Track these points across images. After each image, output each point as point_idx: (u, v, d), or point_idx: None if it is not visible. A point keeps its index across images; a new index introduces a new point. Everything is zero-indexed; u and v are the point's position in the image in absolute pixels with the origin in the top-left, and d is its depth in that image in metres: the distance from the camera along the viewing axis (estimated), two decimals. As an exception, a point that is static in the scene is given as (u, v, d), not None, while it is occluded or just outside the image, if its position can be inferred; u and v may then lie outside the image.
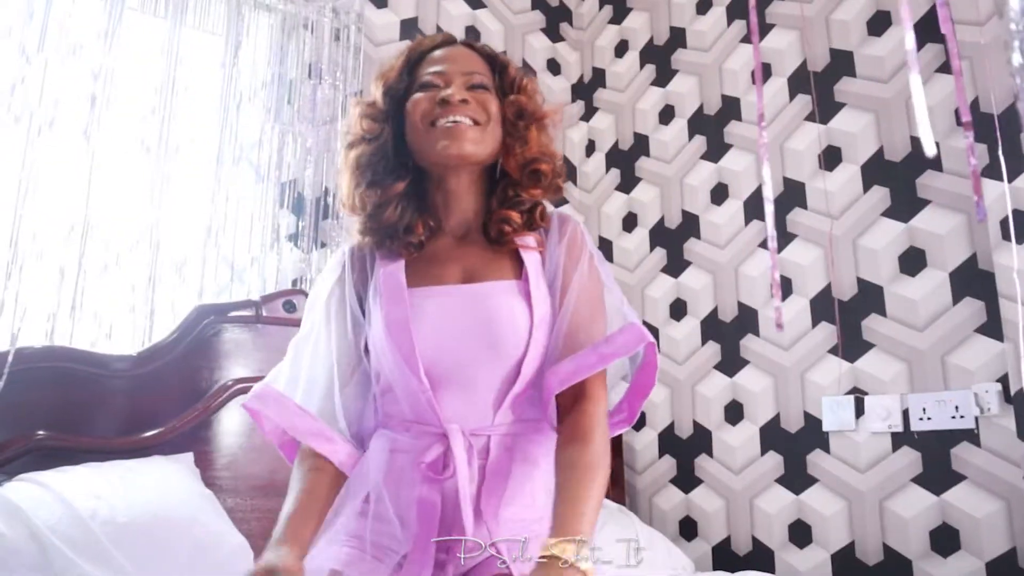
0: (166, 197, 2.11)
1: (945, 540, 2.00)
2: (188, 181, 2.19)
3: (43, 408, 1.75)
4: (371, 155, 1.14)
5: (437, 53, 1.17)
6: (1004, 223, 1.91)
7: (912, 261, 2.15)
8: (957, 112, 2.08)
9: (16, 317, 1.79)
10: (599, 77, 3.21)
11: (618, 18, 3.17)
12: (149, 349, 1.93)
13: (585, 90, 3.25)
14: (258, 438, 1.99)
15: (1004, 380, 1.93)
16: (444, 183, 1.16)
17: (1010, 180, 1.90)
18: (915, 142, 2.19)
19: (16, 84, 1.94)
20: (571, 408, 1.08)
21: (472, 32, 2.99)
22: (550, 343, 1.11)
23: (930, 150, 0.87)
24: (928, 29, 2.13)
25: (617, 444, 2.76)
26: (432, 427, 1.07)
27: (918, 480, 2.07)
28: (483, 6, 3.06)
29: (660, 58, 2.97)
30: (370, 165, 1.14)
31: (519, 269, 1.13)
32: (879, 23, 2.32)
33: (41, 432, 1.73)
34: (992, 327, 1.96)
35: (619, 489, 2.70)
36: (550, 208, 1.21)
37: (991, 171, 1.94)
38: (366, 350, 1.15)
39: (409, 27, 2.80)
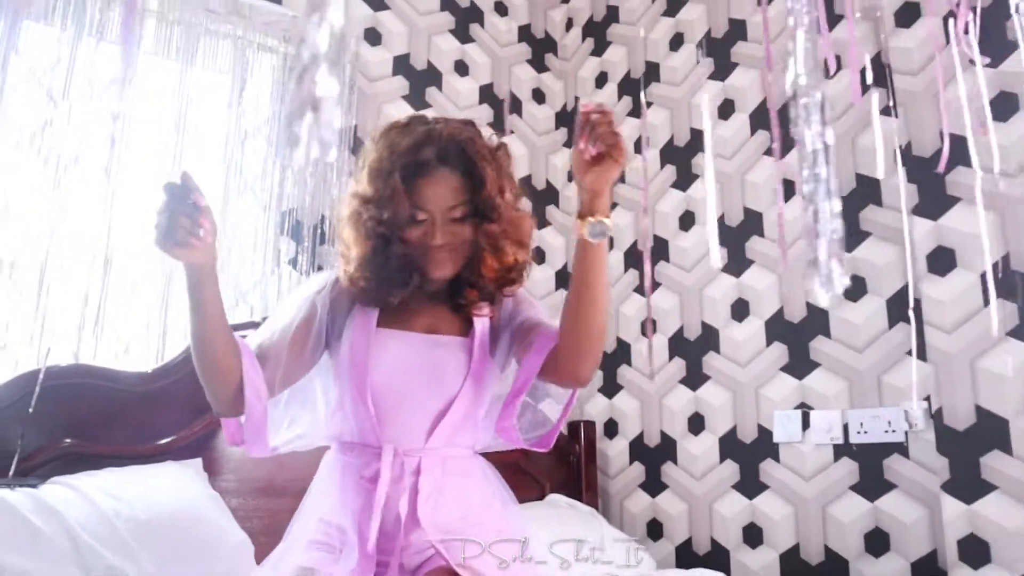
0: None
1: (877, 542, 2.22)
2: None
3: (69, 419, 1.98)
4: (386, 260, 1.30)
5: (423, 183, 1.28)
6: (930, 256, 2.13)
7: (854, 288, 2.37)
8: (896, 152, 2.30)
9: (45, 338, 2.02)
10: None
11: (599, 51, 3.39)
12: (162, 366, 2.15)
13: (568, 118, 3.46)
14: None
15: (930, 399, 2.15)
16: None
17: (935, 218, 2.12)
18: (860, 179, 2.40)
19: (44, 126, 2.17)
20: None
21: (461, 66, 3.21)
22: (531, 331, 1.35)
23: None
24: (873, 75, 2.35)
25: (591, 451, 2.98)
26: (372, 447, 1.31)
27: (855, 488, 2.29)
28: (472, 40, 3.28)
29: (636, 91, 3.19)
30: (382, 268, 1.31)
31: (469, 329, 1.39)
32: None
33: (68, 440, 1.95)
34: (921, 350, 2.18)
35: (592, 493, 2.93)
36: None
37: (920, 209, 2.16)
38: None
39: (401, 63, 3.02)
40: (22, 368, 1.96)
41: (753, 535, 2.52)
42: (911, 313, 2.07)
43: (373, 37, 2.97)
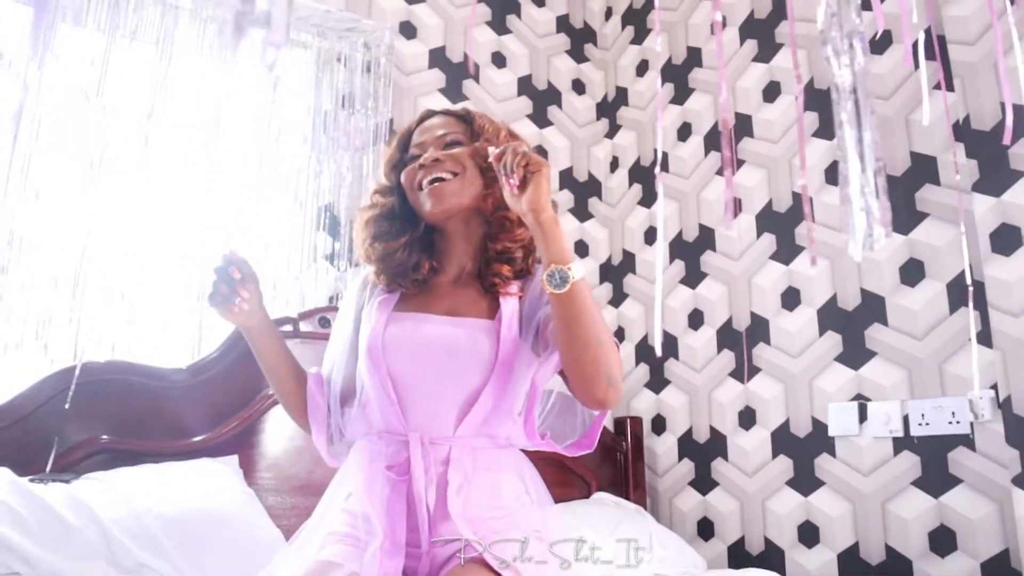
0: (214, 223, 2.32)
1: (943, 541, 2.09)
2: (233, 208, 2.40)
3: (106, 416, 1.97)
4: (377, 217, 1.39)
5: (417, 128, 1.39)
6: (994, 235, 1.99)
7: (912, 272, 2.24)
8: (954, 127, 2.17)
9: (79, 335, 2.02)
10: (622, 95, 3.35)
11: (639, 39, 3.31)
12: (199, 362, 2.14)
13: (609, 108, 3.39)
14: (299, 442, 2.19)
15: (997, 387, 2.01)
16: (443, 229, 1.37)
17: (997, 195, 1.99)
18: (914, 157, 2.28)
19: (79, 126, 2.18)
20: None
21: (498, 58, 3.15)
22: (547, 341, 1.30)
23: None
24: (926, 48, 2.23)
25: (638, 448, 2.89)
26: (398, 435, 1.25)
27: (918, 483, 2.16)
28: (509, 32, 3.22)
29: (678, 77, 3.09)
30: (375, 223, 1.38)
31: (496, 311, 1.31)
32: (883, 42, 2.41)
33: (105, 437, 1.95)
34: (986, 336, 2.04)
35: (640, 491, 2.84)
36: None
37: (981, 186, 2.03)
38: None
39: (437, 56, 2.98)
40: (59, 365, 1.96)
41: (809, 534, 2.40)
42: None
43: (408, 31, 2.93)
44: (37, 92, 2.13)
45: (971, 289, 2.07)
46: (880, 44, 2.40)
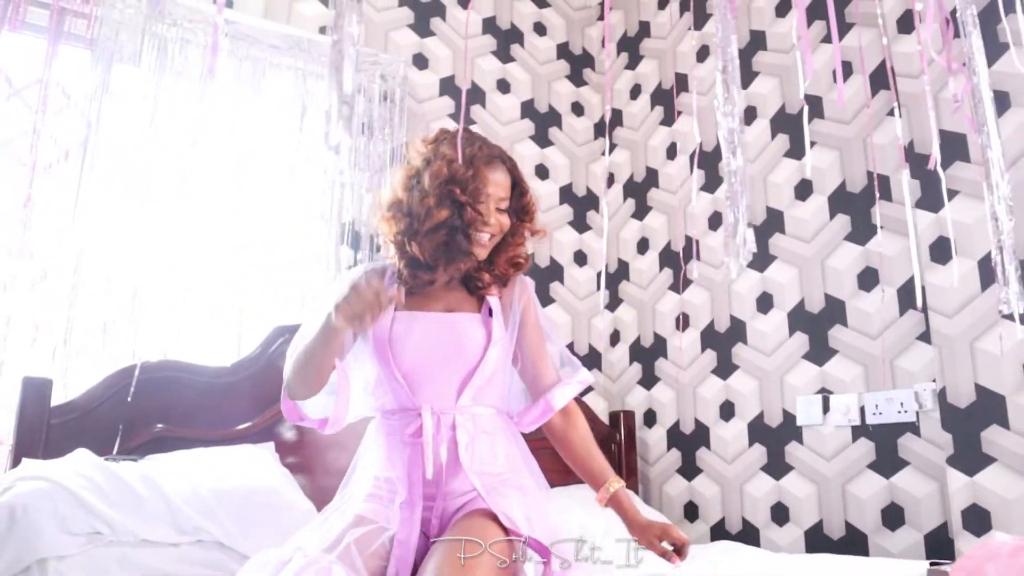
0: (251, 239, 2.64)
1: (893, 517, 2.37)
2: (266, 226, 2.72)
3: (161, 407, 2.29)
4: (455, 225, 1.54)
5: (490, 172, 1.57)
6: (933, 247, 2.27)
7: (867, 279, 2.52)
8: (904, 150, 2.45)
9: (137, 338, 2.34)
10: (617, 116, 3.64)
11: (632, 64, 3.60)
12: (240, 361, 2.46)
13: (605, 129, 3.68)
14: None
15: (936, 380, 2.28)
16: None
17: (936, 211, 2.27)
18: (871, 176, 2.56)
19: (133, 159, 2.50)
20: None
21: (503, 84, 3.46)
22: (526, 377, 1.67)
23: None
24: (879, 78, 2.52)
25: (631, 439, 3.18)
26: (411, 410, 1.54)
27: (872, 466, 2.44)
28: (512, 60, 3.53)
29: (667, 100, 3.38)
30: (449, 232, 1.55)
31: (481, 305, 1.63)
32: (845, 71, 2.69)
33: (160, 425, 2.27)
34: (927, 335, 2.32)
35: (633, 478, 3.12)
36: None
37: (923, 203, 2.31)
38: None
39: (447, 84, 3.29)
40: (121, 364, 2.28)
41: (780, 513, 2.68)
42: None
43: (420, 62, 3.24)
44: (98, 126, 2.45)
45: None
46: (843, 73, 2.68)
